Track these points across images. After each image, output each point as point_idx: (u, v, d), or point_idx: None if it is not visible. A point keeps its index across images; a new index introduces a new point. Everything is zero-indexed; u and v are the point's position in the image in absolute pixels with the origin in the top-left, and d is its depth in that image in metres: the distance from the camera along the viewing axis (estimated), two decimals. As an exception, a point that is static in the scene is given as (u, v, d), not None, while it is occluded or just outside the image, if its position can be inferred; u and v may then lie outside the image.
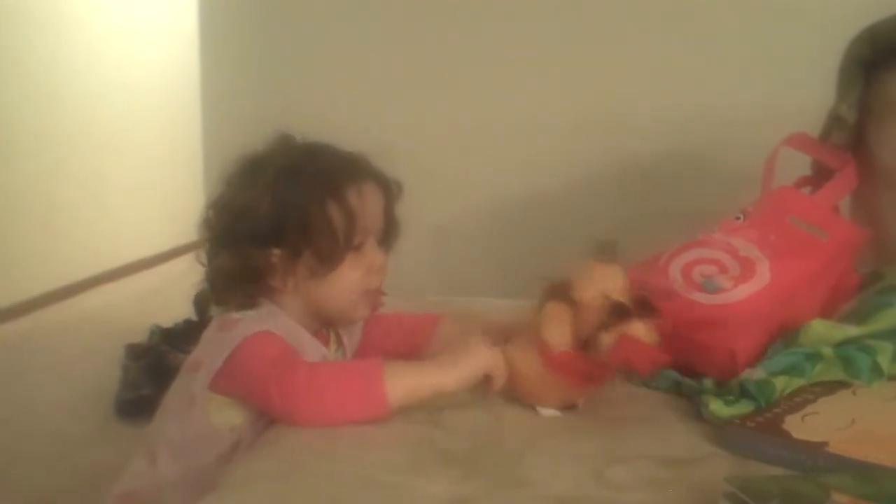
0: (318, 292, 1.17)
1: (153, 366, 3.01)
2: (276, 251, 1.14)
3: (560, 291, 1.07)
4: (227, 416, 1.13)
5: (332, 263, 1.15)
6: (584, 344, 1.04)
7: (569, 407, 1.09)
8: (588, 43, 2.86)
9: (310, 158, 1.18)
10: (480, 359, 1.07)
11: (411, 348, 1.32)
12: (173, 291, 4.18)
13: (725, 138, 2.64)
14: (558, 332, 1.05)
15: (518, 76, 2.93)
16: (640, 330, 1.01)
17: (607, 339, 1.00)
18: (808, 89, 2.20)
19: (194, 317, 3.45)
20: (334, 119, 2.99)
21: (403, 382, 1.04)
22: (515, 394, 1.10)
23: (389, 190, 1.23)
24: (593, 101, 2.86)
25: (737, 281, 1.17)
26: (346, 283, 1.17)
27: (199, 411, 1.13)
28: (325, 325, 1.24)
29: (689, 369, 1.12)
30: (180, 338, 3.23)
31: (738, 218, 1.31)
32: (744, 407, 1.01)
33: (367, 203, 1.17)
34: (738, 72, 2.71)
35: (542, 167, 2.95)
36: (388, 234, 1.24)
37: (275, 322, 1.14)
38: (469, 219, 3.01)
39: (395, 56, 3.02)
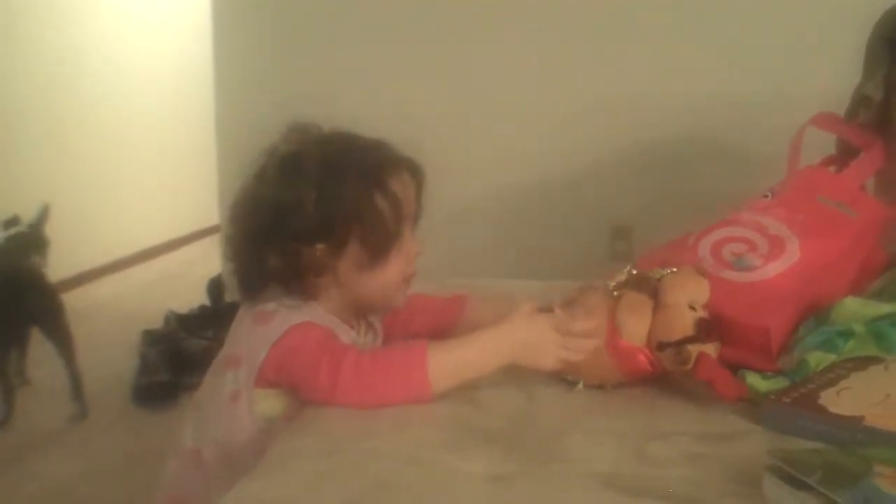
0: (362, 285, 1.17)
1: (170, 352, 3.03)
2: (321, 246, 1.13)
3: (645, 285, 1.09)
4: (268, 408, 1.13)
5: (384, 255, 1.15)
6: (655, 344, 1.06)
7: (598, 386, 1.10)
8: (603, 28, 2.86)
9: (347, 151, 1.17)
10: (533, 334, 1.08)
11: (438, 329, 1.31)
12: (186, 278, 4.22)
13: (740, 122, 2.65)
14: (636, 325, 1.07)
15: (533, 61, 2.92)
16: (711, 350, 1.05)
17: (693, 352, 1.02)
18: (823, 72, 2.21)
19: (208, 303, 3.48)
20: (347, 107, 2.99)
21: (447, 367, 1.05)
22: None
23: (420, 176, 1.22)
24: (608, 85, 2.86)
25: (767, 259, 1.18)
26: (389, 273, 1.17)
27: (245, 407, 1.13)
28: (358, 315, 1.24)
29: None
30: (196, 324, 3.26)
31: (765, 196, 1.31)
32: (780, 382, 1.02)
33: (407, 191, 1.18)
34: (754, 55, 2.70)
35: (557, 152, 2.95)
36: (417, 218, 1.24)
37: (312, 313, 1.14)
38: (484, 204, 3.01)
39: (409, 43, 3.02)
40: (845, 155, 1.42)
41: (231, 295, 3.16)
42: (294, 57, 3.14)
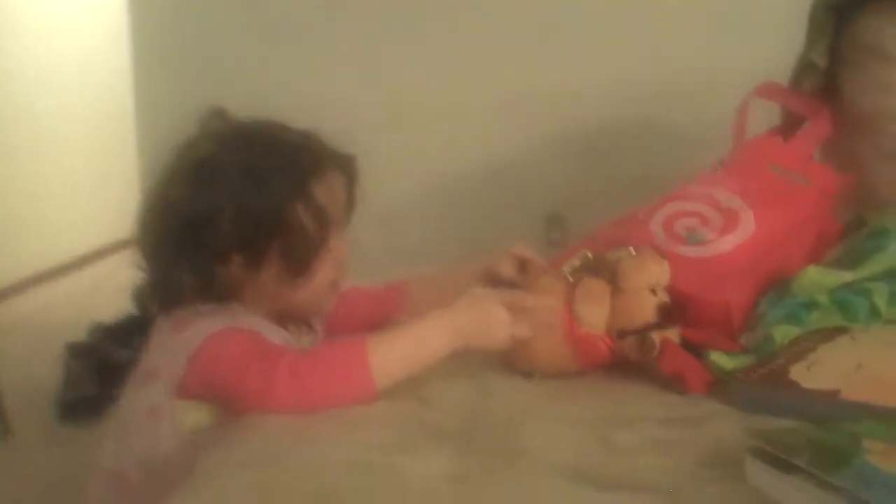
0: (286, 295, 1.10)
1: (97, 365, 2.90)
2: (238, 259, 1.05)
3: (602, 269, 1.03)
4: (195, 420, 1.04)
5: (306, 269, 1.08)
6: (615, 332, 1.01)
7: (527, 375, 1.04)
8: (536, 15, 2.83)
9: (269, 156, 1.08)
10: (480, 313, 1.00)
11: (381, 319, 1.25)
12: (112, 288, 4.07)
13: (673, 104, 2.63)
14: (595, 313, 1.00)
15: (467, 49, 2.89)
16: (674, 335, 0.99)
17: (657, 339, 0.97)
18: (757, 45, 2.21)
19: (136, 312, 3.34)
20: (276, 99, 2.92)
21: (391, 360, 0.97)
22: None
23: (351, 172, 1.14)
24: (538, 75, 2.83)
25: (721, 232, 1.14)
26: (315, 282, 1.10)
27: (167, 422, 1.04)
28: (288, 320, 1.16)
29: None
30: (124, 334, 3.12)
31: (715, 169, 1.28)
32: (746, 359, 0.97)
33: (334, 195, 1.10)
34: (685, 36, 2.69)
35: (488, 143, 2.93)
36: (348, 215, 1.16)
37: (234, 316, 1.05)
38: (417, 195, 2.98)
39: (336, 32, 2.96)
40: (791, 125, 1.39)
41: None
42: (216, 57, 3.04)
